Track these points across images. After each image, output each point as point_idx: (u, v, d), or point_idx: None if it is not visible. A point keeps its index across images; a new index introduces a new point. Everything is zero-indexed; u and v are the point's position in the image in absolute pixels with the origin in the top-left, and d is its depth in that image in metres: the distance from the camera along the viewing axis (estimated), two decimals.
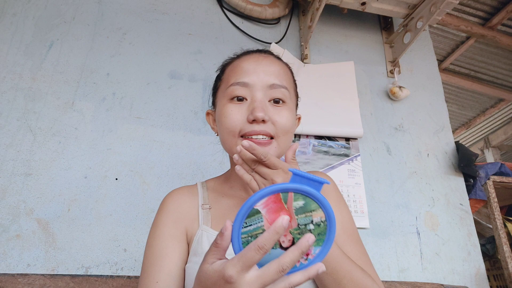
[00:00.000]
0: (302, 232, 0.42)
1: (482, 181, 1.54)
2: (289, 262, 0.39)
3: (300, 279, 0.41)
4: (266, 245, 0.39)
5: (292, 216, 0.42)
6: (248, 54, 0.73)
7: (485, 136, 4.35)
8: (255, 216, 0.42)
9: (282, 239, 0.42)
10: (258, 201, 0.42)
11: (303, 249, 0.40)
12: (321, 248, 0.43)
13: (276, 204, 0.42)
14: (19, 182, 1.09)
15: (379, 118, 1.57)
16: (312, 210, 0.42)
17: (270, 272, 0.39)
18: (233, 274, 0.39)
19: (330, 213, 0.42)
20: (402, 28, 1.64)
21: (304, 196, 0.42)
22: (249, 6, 1.53)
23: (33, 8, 1.34)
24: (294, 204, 0.42)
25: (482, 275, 1.37)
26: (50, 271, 1.01)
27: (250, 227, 0.42)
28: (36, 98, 1.21)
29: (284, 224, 0.39)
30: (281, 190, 0.42)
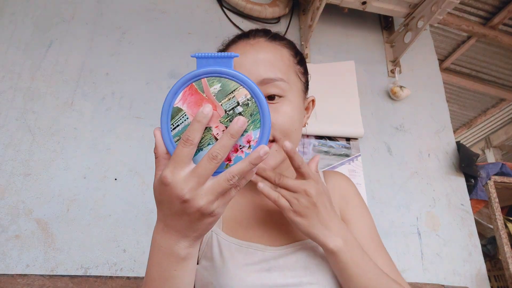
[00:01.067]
0: (232, 118, 0.38)
1: (483, 181, 1.53)
2: (219, 148, 0.37)
3: (241, 166, 0.38)
4: (191, 136, 0.37)
5: (215, 103, 0.38)
6: (235, 44, 0.64)
7: (486, 136, 4.34)
8: (178, 115, 0.39)
9: (215, 132, 0.39)
10: (174, 98, 0.39)
11: (232, 132, 0.37)
12: (260, 130, 0.39)
13: (195, 96, 0.39)
14: (18, 182, 1.09)
15: (379, 118, 1.56)
16: (232, 90, 0.38)
17: (203, 163, 0.37)
18: (167, 174, 0.37)
19: (252, 86, 0.38)
20: (403, 27, 1.63)
21: (218, 78, 0.38)
22: (249, 5, 1.53)
23: (32, 7, 1.34)
24: (212, 90, 0.38)
25: (483, 275, 1.36)
26: (49, 272, 1.00)
27: (179, 127, 0.39)
28: (35, 98, 1.21)
29: (206, 111, 0.37)
30: (191, 79, 0.39)
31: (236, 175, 0.38)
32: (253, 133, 0.39)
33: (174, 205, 0.39)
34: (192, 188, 0.37)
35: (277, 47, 0.61)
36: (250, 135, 0.39)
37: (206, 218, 0.40)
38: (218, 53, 0.38)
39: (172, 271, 0.43)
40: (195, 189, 0.37)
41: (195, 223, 0.40)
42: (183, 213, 0.39)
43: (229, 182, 0.38)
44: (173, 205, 0.39)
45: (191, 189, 0.37)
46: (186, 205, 0.38)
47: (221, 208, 0.40)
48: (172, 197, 0.38)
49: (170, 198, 0.38)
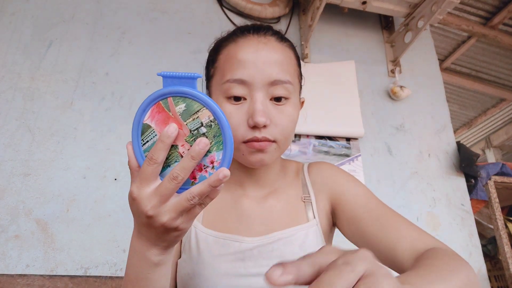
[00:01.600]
0: (196, 138, 0.39)
1: (483, 182, 1.53)
2: (179, 169, 0.38)
3: (201, 188, 0.39)
4: (155, 155, 0.38)
5: (181, 122, 0.39)
6: (245, 37, 0.62)
7: (486, 136, 4.34)
8: (148, 131, 0.40)
9: (181, 150, 0.40)
10: (143, 115, 0.40)
11: (193, 154, 0.38)
12: (223, 152, 0.39)
13: (162, 114, 0.40)
14: (18, 182, 1.09)
15: (380, 118, 1.56)
16: (196, 111, 0.39)
17: (164, 183, 0.38)
18: (133, 189, 0.39)
19: (214, 108, 0.39)
20: (403, 27, 1.63)
21: (183, 98, 0.39)
22: (249, 5, 1.53)
23: (32, 7, 1.34)
24: (177, 109, 0.39)
25: (483, 275, 1.36)
26: (49, 272, 1.00)
27: (148, 143, 0.40)
28: (35, 98, 1.21)
29: (170, 131, 0.38)
30: (157, 97, 0.39)
31: (196, 195, 0.39)
32: (217, 154, 0.39)
33: (141, 218, 0.41)
34: (155, 205, 0.39)
35: (285, 49, 0.62)
36: (214, 156, 0.39)
37: (172, 232, 0.41)
38: (182, 73, 0.39)
39: (146, 274, 0.45)
40: (157, 206, 0.39)
41: (162, 235, 0.42)
42: (150, 226, 0.41)
43: (189, 202, 0.39)
44: (140, 218, 0.41)
45: (154, 206, 0.39)
46: (150, 220, 0.40)
47: (186, 224, 0.41)
48: (139, 211, 0.40)
49: (137, 211, 0.41)
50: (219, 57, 0.64)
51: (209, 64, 0.67)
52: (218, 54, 0.65)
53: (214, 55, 0.67)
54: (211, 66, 0.66)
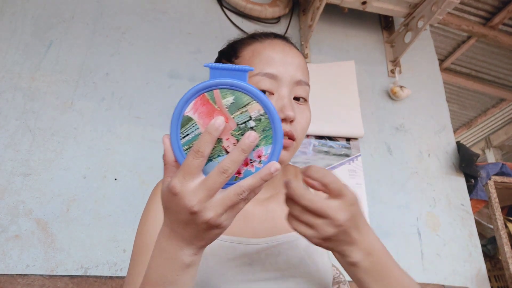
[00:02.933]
0: (244, 131, 0.37)
1: (483, 181, 1.53)
2: (229, 162, 0.36)
3: (252, 181, 0.37)
4: (201, 148, 0.36)
5: (227, 115, 0.38)
6: (270, 39, 0.64)
7: (486, 136, 4.34)
8: (188, 124, 0.38)
9: (226, 144, 0.38)
10: (185, 107, 0.38)
11: (243, 147, 0.36)
12: (272, 146, 0.38)
13: (206, 106, 0.38)
14: (18, 182, 1.09)
15: (380, 118, 1.56)
16: (245, 104, 0.37)
17: (213, 176, 0.37)
18: (175, 184, 0.37)
19: (266, 102, 0.37)
20: (403, 27, 1.63)
21: (232, 91, 0.37)
22: (249, 5, 1.53)
23: (32, 7, 1.34)
24: (224, 102, 0.38)
25: (483, 275, 1.36)
26: (49, 272, 1.00)
27: (188, 136, 0.38)
28: (35, 98, 1.21)
29: (217, 124, 0.36)
30: (202, 89, 0.38)
31: (246, 190, 0.38)
32: (264, 148, 0.38)
33: (181, 214, 0.38)
34: (201, 200, 0.37)
35: (303, 57, 0.67)
36: (261, 150, 0.38)
37: (213, 230, 0.40)
38: (233, 65, 0.38)
39: (174, 276, 0.42)
40: (204, 201, 0.37)
41: (201, 234, 0.40)
42: (191, 223, 0.39)
43: (238, 196, 0.38)
44: (181, 214, 0.39)
45: (200, 201, 0.37)
46: (194, 217, 0.38)
47: (228, 220, 0.40)
48: (180, 207, 0.38)
49: (178, 207, 0.38)
50: (242, 53, 0.64)
51: (226, 60, 0.67)
52: (240, 50, 0.65)
53: (234, 51, 0.67)
54: (229, 61, 0.66)
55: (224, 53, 0.70)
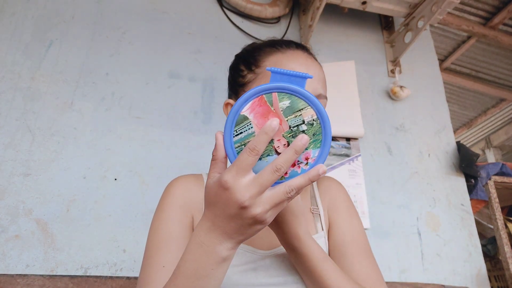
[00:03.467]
0: (295, 134, 0.40)
1: (483, 182, 1.53)
2: (282, 161, 0.38)
3: (300, 181, 0.39)
4: (257, 147, 0.38)
5: (282, 118, 0.40)
6: (292, 50, 0.65)
7: (486, 136, 4.34)
8: (243, 122, 0.40)
9: (277, 145, 0.40)
10: (242, 106, 0.40)
11: (296, 148, 0.38)
12: (320, 149, 0.41)
13: (263, 107, 0.40)
14: (18, 182, 1.09)
15: (380, 118, 1.56)
16: (300, 109, 0.40)
17: (265, 173, 0.38)
18: (228, 178, 0.39)
19: (320, 108, 0.40)
20: (403, 27, 1.63)
21: (289, 95, 0.40)
22: (249, 5, 1.53)
23: (32, 7, 1.34)
24: (281, 105, 0.40)
25: (483, 275, 1.36)
26: (49, 272, 1.00)
27: (241, 135, 0.41)
28: (35, 98, 1.21)
29: (273, 125, 0.38)
30: (262, 91, 0.40)
31: (294, 189, 0.39)
32: (312, 151, 0.41)
33: (230, 208, 0.40)
34: (253, 196, 0.39)
35: (322, 69, 0.69)
36: (309, 153, 0.41)
37: (257, 225, 0.41)
38: (293, 72, 0.40)
39: (209, 270, 0.43)
40: (255, 197, 0.39)
41: (245, 228, 0.41)
42: (237, 218, 0.40)
43: (287, 195, 0.39)
44: (229, 208, 0.40)
45: (252, 197, 0.39)
46: (243, 211, 0.39)
47: (272, 217, 0.41)
48: (230, 201, 0.39)
49: (227, 201, 0.40)
50: (264, 63, 0.64)
51: (243, 68, 0.67)
52: (261, 59, 0.65)
53: (254, 59, 0.66)
54: (247, 69, 0.66)
55: (243, 60, 0.69)
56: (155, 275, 0.55)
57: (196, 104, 1.36)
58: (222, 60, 1.46)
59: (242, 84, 0.66)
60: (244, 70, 0.67)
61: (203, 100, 1.37)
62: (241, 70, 0.68)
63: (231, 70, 0.72)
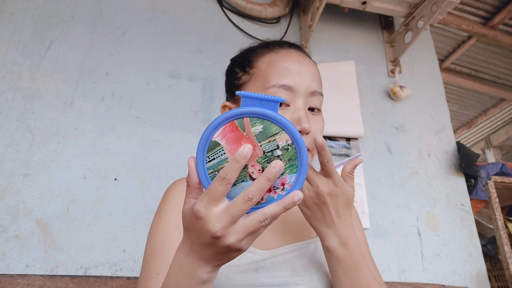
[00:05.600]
0: (270, 159, 0.39)
1: (483, 181, 1.53)
2: (254, 190, 0.37)
3: (274, 209, 0.38)
4: (228, 175, 0.37)
5: (255, 143, 0.39)
6: (285, 49, 0.66)
7: (486, 136, 4.34)
8: (215, 149, 0.39)
9: (251, 171, 0.39)
10: (213, 132, 0.39)
11: (269, 176, 0.37)
12: (296, 175, 0.39)
13: (234, 133, 0.39)
14: (18, 182, 1.09)
15: (380, 118, 1.56)
16: (274, 133, 0.39)
17: (237, 203, 0.38)
18: (200, 208, 0.38)
19: (294, 133, 0.39)
20: (403, 27, 1.63)
21: (261, 120, 0.39)
22: (249, 5, 1.53)
23: (32, 7, 1.34)
24: (253, 130, 0.39)
25: (483, 275, 1.36)
26: (49, 272, 1.00)
27: (214, 161, 0.39)
28: (35, 98, 1.21)
29: (245, 152, 0.37)
30: (233, 116, 0.39)
31: (268, 217, 0.38)
32: (289, 176, 0.40)
33: (203, 237, 0.39)
34: (225, 226, 0.38)
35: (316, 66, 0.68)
36: (285, 178, 0.40)
37: (234, 253, 0.41)
38: (264, 95, 0.39)
39: None
40: (227, 227, 0.38)
41: (221, 255, 0.41)
42: (212, 246, 0.40)
43: (261, 223, 0.38)
44: (203, 237, 0.39)
45: (224, 227, 0.38)
46: (216, 240, 0.39)
47: (248, 245, 0.41)
48: (203, 230, 0.39)
49: (201, 230, 0.39)
50: (258, 63, 0.65)
51: (238, 70, 0.68)
52: (255, 60, 0.66)
53: (248, 60, 0.67)
54: (242, 70, 0.67)
55: (238, 62, 0.70)
56: (150, 282, 0.56)
57: (196, 104, 1.36)
58: (222, 60, 1.46)
59: (237, 86, 0.68)
60: (239, 72, 0.68)
61: (203, 100, 1.37)
62: (236, 73, 0.69)
63: (227, 73, 0.74)
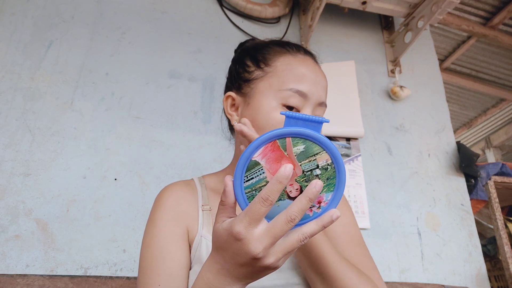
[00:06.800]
0: (309, 179, 0.39)
1: (483, 182, 1.53)
2: (297, 211, 0.37)
3: (314, 228, 0.38)
4: (270, 196, 0.37)
5: (295, 163, 0.39)
6: (302, 55, 0.67)
7: (486, 136, 4.34)
8: (255, 168, 0.39)
9: (289, 189, 0.39)
10: (254, 151, 0.39)
11: (311, 196, 0.37)
12: (333, 193, 0.40)
13: (275, 153, 0.39)
14: (18, 182, 1.09)
15: (380, 118, 1.56)
16: (315, 153, 0.39)
17: (279, 224, 0.37)
18: (240, 230, 0.37)
19: (336, 153, 0.39)
20: (403, 27, 1.63)
21: (303, 140, 0.39)
22: (249, 5, 1.53)
23: (32, 7, 1.34)
24: (295, 150, 0.39)
25: (483, 275, 1.36)
26: (49, 272, 1.00)
27: (252, 180, 0.39)
28: (35, 98, 1.21)
29: (287, 172, 0.37)
30: (276, 136, 0.38)
31: (308, 236, 0.38)
32: (325, 195, 0.40)
33: (241, 257, 0.39)
34: (266, 247, 0.38)
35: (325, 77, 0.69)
36: (322, 197, 0.40)
37: (269, 271, 0.40)
38: (308, 116, 0.39)
39: None
40: (268, 248, 0.38)
41: (256, 274, 0.41)
42: (248, 266, 0.39)
43: (300, 243, 0.38)
44: (240, 257, 0.39)
45: (265, 248, 0.38)
46: (255, 261, 0.38)
47: (283, 262, 0.41)
48: (242, 251, 0.38)
49: (239, 251, 0.39)
50: (274, 63, 0.65)
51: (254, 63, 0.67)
52: (271, 58, 0.66)
53: (264, 57, 0.66)
54: (256, 65, 0.66)
55: (251, 55, 0.68)
56: None
57: (196, 104, 1.36)
58: (222, 60, 1.46)
59: (247, 79, 0.66)
60: (251, 66, 0.67)
61: (203, 100, 1.37)
62: (248, 66, 0.67)
63: (235, 63, 0.72)
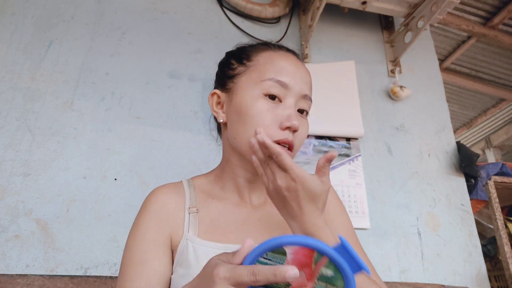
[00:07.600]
0: None
1: (483, 182, 1.53)
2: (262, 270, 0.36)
3: None
4: (258, 276, 0.36)
5: (313, 277, 0.38)
6: (284, 51, 0.68)
7: (486, 136, 4.34)
8: (279, 255, 0.38)
9: None
10: (291, 244, 0.38)
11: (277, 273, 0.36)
12: None
13: (305, 259, 0.38)
14: (18, 182, 1.09)
15: (380, 118, 1.56)
16: (336, 285, 0.38)
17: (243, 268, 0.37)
18: (218, 274, 0.37)
19: None
20: (403, 27, 1.63)
21: (336, 269, 0.38)
22: (249, 5, 1.53)
23: (32, 7, 1.34)
24: (322, 270, 0.38)
25: (483, 275, 1.36)
26: (49, 272, 1.00)
27: (268, 262, 0.38)
28: (35, 98, 1.21)
29: (287, 275, 0.35)
30: (318, 250, 0.38)
31: None
32: None
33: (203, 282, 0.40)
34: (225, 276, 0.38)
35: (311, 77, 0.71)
36: None
37: None
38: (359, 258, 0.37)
39: None
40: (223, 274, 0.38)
41: None
42: None
43: None
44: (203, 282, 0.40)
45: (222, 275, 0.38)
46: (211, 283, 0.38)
47: None
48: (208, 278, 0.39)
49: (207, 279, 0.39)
50: (256, 57, 0.68)
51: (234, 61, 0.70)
52: (253, 54, 0.69)
53: (246, 54, 0.70)
54: (239, 62, 0.69)
55: (235, 55, 0.72)
56: None
57: (196, 104, 1.36)
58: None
59: (231, 76, 0.69)
60: (234, 63, 0.70)
61: (203, 100, 1.37)
62: (232, 64, 0.70)
63: (220, 65, 0.75)
